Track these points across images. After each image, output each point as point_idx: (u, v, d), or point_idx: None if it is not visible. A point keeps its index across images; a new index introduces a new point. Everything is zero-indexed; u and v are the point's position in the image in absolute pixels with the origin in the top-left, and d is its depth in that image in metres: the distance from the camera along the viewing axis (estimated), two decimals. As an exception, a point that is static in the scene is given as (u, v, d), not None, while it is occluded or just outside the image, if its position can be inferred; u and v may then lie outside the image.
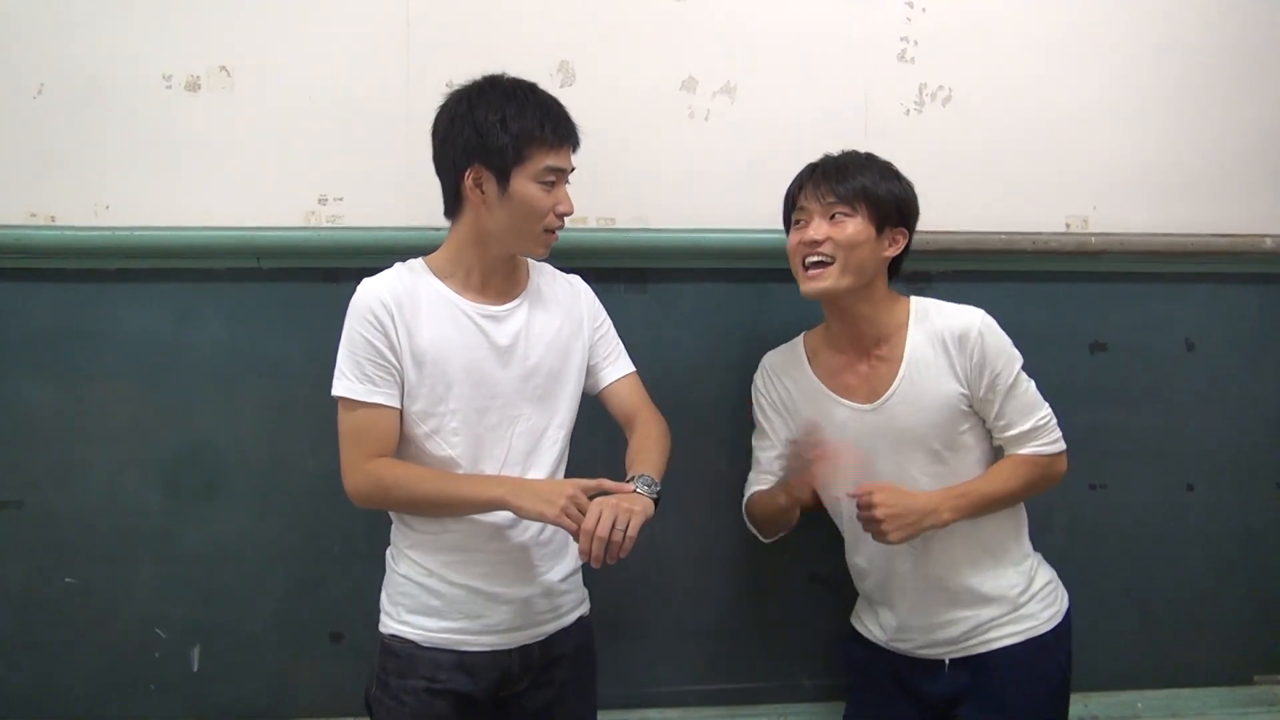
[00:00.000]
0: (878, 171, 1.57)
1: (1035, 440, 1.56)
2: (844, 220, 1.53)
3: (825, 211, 1.54)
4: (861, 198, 1.53)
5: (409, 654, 1.46)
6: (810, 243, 1.54)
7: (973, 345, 1.53)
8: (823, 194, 1.55)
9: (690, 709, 1.92)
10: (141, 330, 1.80)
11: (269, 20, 1.80)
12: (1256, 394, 2.03)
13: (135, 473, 1.81)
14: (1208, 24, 1.98)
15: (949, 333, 1.55)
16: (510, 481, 1.43)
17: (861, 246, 1.53)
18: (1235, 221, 1.99)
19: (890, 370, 1.57)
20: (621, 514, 1.35)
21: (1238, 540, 2.03)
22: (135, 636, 1.82)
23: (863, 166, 1.57)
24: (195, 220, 1.78)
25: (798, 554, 1.88)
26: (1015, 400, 1.55)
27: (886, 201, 1.55)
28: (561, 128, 1.45)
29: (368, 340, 1.43)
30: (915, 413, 1.55)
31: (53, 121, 1.77)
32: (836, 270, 1.53)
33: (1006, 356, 1.55)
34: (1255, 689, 2.04)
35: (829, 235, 1.53)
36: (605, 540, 1.33)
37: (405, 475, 1.43)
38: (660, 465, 1.51)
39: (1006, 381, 1.54)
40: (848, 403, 1.60)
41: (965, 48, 1.93)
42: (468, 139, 1.42)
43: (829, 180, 1.55)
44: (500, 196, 1.43)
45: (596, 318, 1.62)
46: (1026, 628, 1.57)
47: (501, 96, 1.44)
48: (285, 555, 1.84)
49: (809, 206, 1.56)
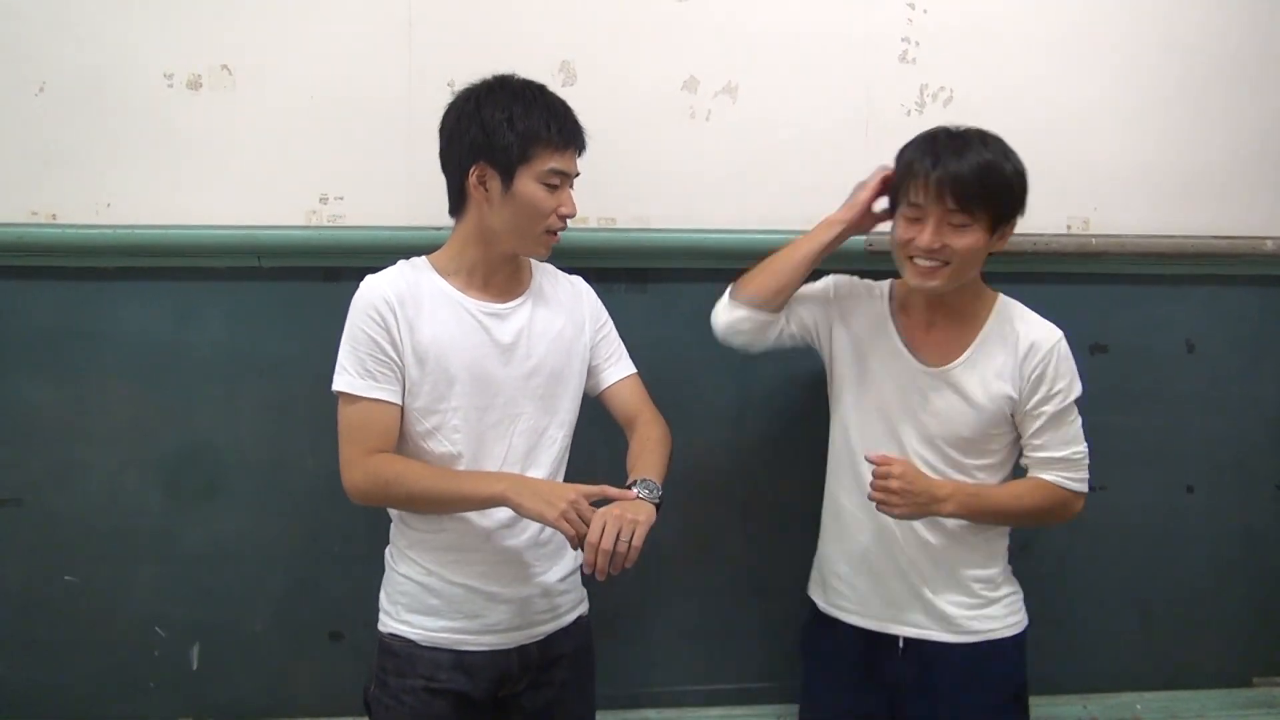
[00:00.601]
0: (999, 171, 1.46)
1: (1064, 471, 1.54)
2: (964, 229, 1.45)
3: (944, 216, 1.45)
4: (984, 206, 1.45)
5: (408, 653, 1.46)
6: (927, 249, 1.47)
7: (1042, 358, 1.52)
8: (944, 199, 1.44)
9: (688, 709, 1.93)
10: (142, 329, 1.80)
11: (271, 19, 1.80)
12: (1257, 395, 2.03)
13: (135, 471, 1.81)
14: (1208, 25, 1.98)
15: (1024, 336, 1.53)
16: (511, 478, 1.43)
17: (978, 254, 1.49)
18: (1236, 223, 1.99)
19: (958, 349, 1.55)
20: (626, 525, 1.34)
21: (1238, 542, 2.03)
22: (135, 635, 1.82)
23: (988, 169, 1.45)
24: (196, 219, 1.78)
25: (796, 555, 1.88)
26: (1060, 428, 1.54)
27: (1005, 203, 1.48)
28: (568, 130, 1.45)
29: (370, 336, 1.43)
30: (964, 394, 1.53)
31: (54, 120, 1.77)
32: (950, 273, 1.48)
33: (1069, 381, 1.54)
34: (1254, 691, 2.05)
35: (946, 242, 1.46)
36: (610, 553, 1.32)
37: (405, 471, 1.43)
38: (661, 468, 1.51)
39: (1058, 406, 1.52)
40: (910, 356, 1.57)
41: (966, 49, 1.93)
42: (474, 136, 1.43)
43: (953, 186, 1.44)
44: (504, 195, 1.43)
45: (599, 319, 1.62)
46: (988, 628, 1.57)
47: (510, 96, 1.44)
48: (285, 554, 1.84)
49: (925, 205, 1.46)
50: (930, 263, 1.48)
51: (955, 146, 1.47)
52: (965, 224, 1.46)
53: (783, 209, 1.86)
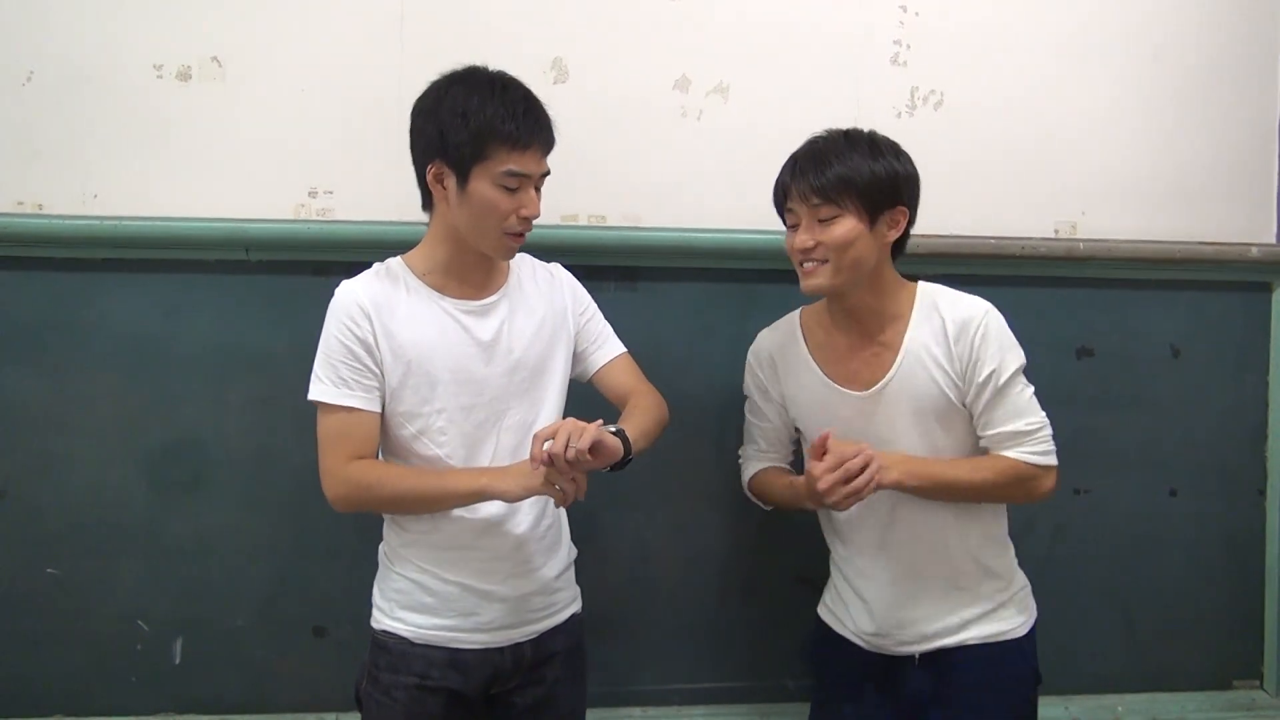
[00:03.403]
0: (862, 153, 1.46)
1: (1020, 445, 1.48)
2: (832, 222, 1.45)
3: (812, 214, 1.46)
4: (846, 192, 1.44)
5: (401, 650, 1.46)
6: (802, 250, 1.47)
7: (972, 335, 1.47)
8: (806, 195, 1.45)
9: (675, 708, 1.93)
10: (128, 321, 1.79)
11: (262, 11, 1.79)
12: (1240, 401, 2.04)
13: (120, 464, 1.80)
14: (1197, 33, 2.00)
15: (950, 320, 1.49)
16: (489, 470, 1.42)
17: (854, 244, 1.45)
18: (1222, 230, 2.01)
19: (889, 357, 1.51)
20: (575, 430, 1.31)
21: (1220, 546, 2.05)
22: (117, 629, 1.81)
23: (844, 152, 1.45)
24: (184, 211, 1.78)
25: (784, 555, 1.89)
26: (1006, 401, 1.48)
27: (875, 187, 1.44)
28: (528, 128, 1.38)
29: (342, 344, 1.41)
30: (909, 400, 1.50)
31: (41, 109, 1.76)
32: (830, 270, 1.46)
33: (1005, 352, 1.48)
34: (1234, 694, 2.06)
35: (818, 240, 1.45)
36: (559, 455, 1.29)
37: (385, 475, 1.42)
38: (642, 425, 1.47)
39: (1000, 379, 1.47)
40: (844, 390, 1.53)
41: (957, 52, 1.94)
42: (430, 133, 1.39)
43: (808, 178, 1.45)
44: (460, 194, 1.39)
45: (580, 302, 1.59)
46: (1002, 629, 1.55)
47: (468, 90, 1.38)
48: (270, 549, 1.83)
49: (796, 209, 1.49)
50: (810, 263, 1.48)
51: (811, 150, 1.49)
52: (834, 215, 1.45)
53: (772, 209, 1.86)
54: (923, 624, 1.54)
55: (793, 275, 1.52)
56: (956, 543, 1.54)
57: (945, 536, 1.54)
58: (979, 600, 1.55)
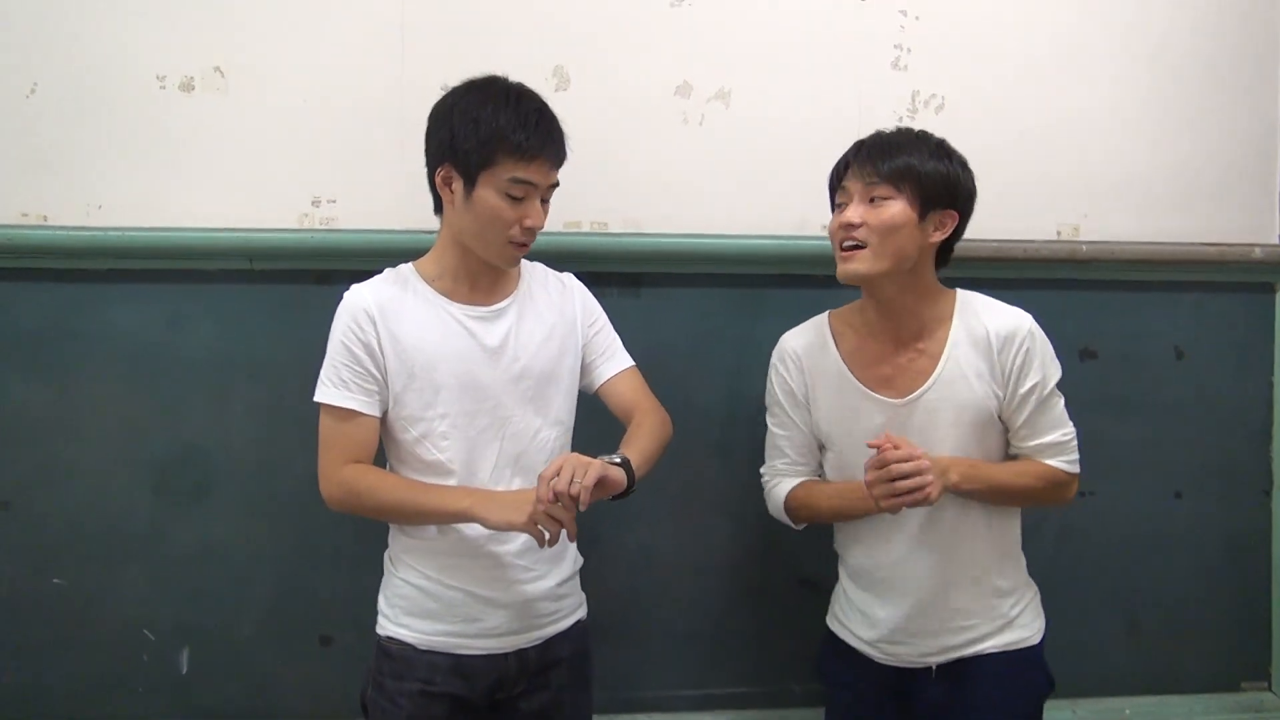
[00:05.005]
0: (928, 149, 1.47)
1: (1058, 455, 1.51)
2: (884, 203, 1.44)
3: (866, 193, 1.45)
4: (906, 178, 1.44)
5: (405, 656, 1.46)
6: (846, 225, 1.45)
7: (1018, 347, 1.47)
8: (865, 173, 1.45)
9: (681, 714, 1.92)
10: (132, 331, 1.79)
11: (264, 22, 1.80)
12: (1244, 402, 2.04)
13: (124, 474, 1.80)
14: (1197, 35, 2.00)
15: (994, 332, 1.49)
16: (478, 493, 1.42)
17: (900, 231, 1.44)
18: (1224, 231, 2.01)
19: (928, 365, 1.50)
20: (579, 466, 1.31)
21: (1225, 547, 2.04)
22: (123, 638, 1.81)
23: (912, 144, 1.47)
24: (188, 221, 1.78)
25: (789, 559, 1.89)
26: (1047, 412, 1.50)
27: (933, 182, 1.45)
28: (537, 138, 1.39)
29: (347, 347, 1.42)
30: (947, 409, 1.49)
31: (46, 121, 1.77)
32: (870, 254, 1.44)
33: (1048, 366, 1.50)
34: (1242, 696, 2.05)
35: (865, 219, 1.44)
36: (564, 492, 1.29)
37: (376, 483, 1.43)
38: (645, 449, 1.47)
39: (1043, 391, 1.49)
40: (879, 396, 1.51)
41: (958, 56, 1.94)
42: (442, 136, 1.41)
43: (873, 159, 1.45)
44: (466, 200, 1.41)
45: (590, 314, 1.59)
46: (1018, 637, 1.54)
47: (484, 97, 1.40)
48: (275, 558, 1.83)
49: (850, 187, 1.47)
50: (853, 242, 1.46)
51: (880, 136, 1.51)
52: (887, 197, 1.44)
53: (774, 214, 1.87)
54: (946, 635, 1.53)
55: (796, 280, 1.53)
56: (985, 549, 1.53)
57: (975, 542, 1.53)
58: (999, 608, 1.54)
